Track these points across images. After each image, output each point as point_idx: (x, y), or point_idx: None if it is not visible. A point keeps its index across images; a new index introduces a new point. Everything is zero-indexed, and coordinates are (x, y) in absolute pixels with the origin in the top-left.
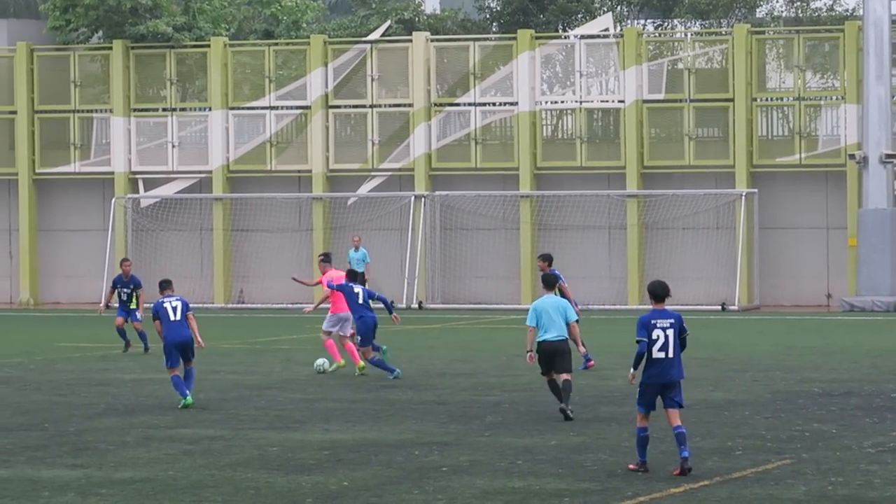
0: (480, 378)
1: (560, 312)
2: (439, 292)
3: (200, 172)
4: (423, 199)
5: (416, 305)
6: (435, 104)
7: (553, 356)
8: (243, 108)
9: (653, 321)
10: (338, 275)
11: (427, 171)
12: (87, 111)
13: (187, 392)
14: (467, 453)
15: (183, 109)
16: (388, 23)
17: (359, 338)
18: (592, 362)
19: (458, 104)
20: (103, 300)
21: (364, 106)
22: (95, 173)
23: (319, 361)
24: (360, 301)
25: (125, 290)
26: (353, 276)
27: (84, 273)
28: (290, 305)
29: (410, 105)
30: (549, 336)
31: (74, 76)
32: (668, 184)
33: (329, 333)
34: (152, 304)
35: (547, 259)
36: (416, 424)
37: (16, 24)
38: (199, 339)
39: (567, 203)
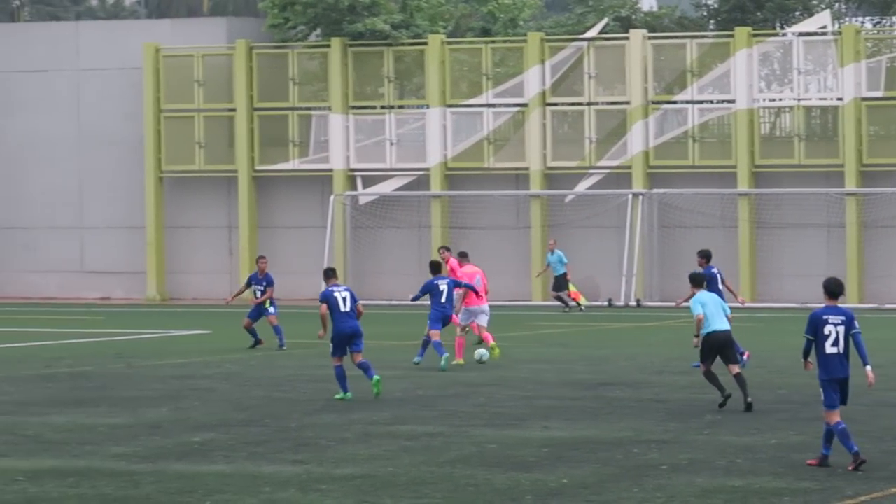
0: (698, 376)
1: (721, 306)
2: (657, 290)
3: (418, 170)
4: (640, 197)
5: (635, 303)
6: (652, 102)
7: (722, 347)
8: (461, 106)
9: (824, 317)
10: (471, 270)
11: (644, 168)
12: (306, 109)
13: (348, 388)
14: (686, 451)
15: (401, 107)
16: (605, 20)
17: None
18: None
19: (675, 102)
20: (234, 293)
21: (581, 103)
22: (314, 170)
23: (479, 352)
24: (443, 300)
25: (259, 287)
26: (437, 268)
27: (302, 270)
28: (507, 303)
29: (627, 102)
30: (717, 327)
31: (293, 74)
32: (888, 181)
33: (464, 329)
34: (321, 292)
35: (706, 256)
36: (635, 422)
37: (235, 23)
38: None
39: (785, 201)
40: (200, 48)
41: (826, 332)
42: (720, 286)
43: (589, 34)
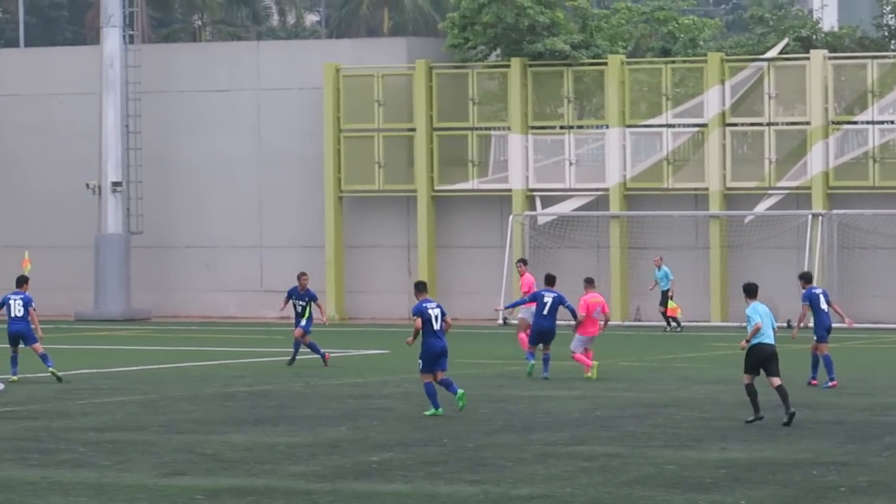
0: (878, 398)
1: (772, 318)
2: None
3: (597, 190)
4: (820, 218)
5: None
6: (833, 122)
7: (768, 360)
8: (640, 126)
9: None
10: (594, 300)
11: (824, 189)
12: (485, 129)
13: (439, 404)
14: (866, 473)
15: (580, 127)
16: (785, 40)
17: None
18: None
19: (855, 122)
20: (281, 304)
21: (761, 124)
22: (493, 190)
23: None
24: (545, 312)
25: (300, 302)
26: (551, 281)
27: (481, 289)
28: (685, 323)
29: (808, 123)
30: (766, 340)
31: (472, 94)
32: None
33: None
34: (414, 305)
35: (807, 278)
36: (814, 444)
37: (415, 43)
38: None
39: None
40: (380, 68)
41: None
42: (825, 307)
43: (769, 54)
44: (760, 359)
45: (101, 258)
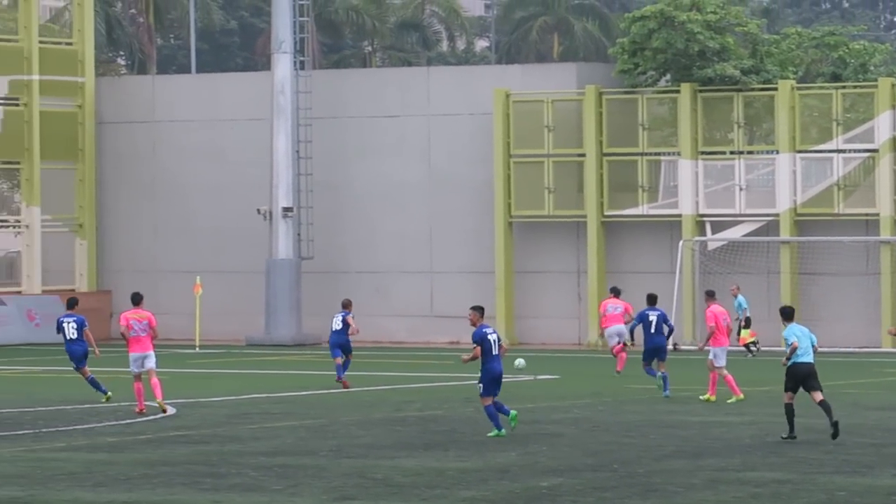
0: None
1: (809, 338)
2: None
3: (767, 215)
4: None
5: None
6: None
7: (806, 377)
8: (810, 151)
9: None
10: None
11: None
12: (655, 154)
13: (502, 425)
14: None
15: (750, 152)
16: None
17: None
18: None
19: None
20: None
21: None
22: (663, 216)
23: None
24: (653, 329)
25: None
26: (652, 300)
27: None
28: (855, 350)
29: None
30: (805, 359)
31: (642, 119)
32: None
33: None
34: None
35: None
36: None
37: (585, 68)
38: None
39: None
40: (550, 93)
41: None
42: None
43: None
44: (798, 377)
45: (271, 283)
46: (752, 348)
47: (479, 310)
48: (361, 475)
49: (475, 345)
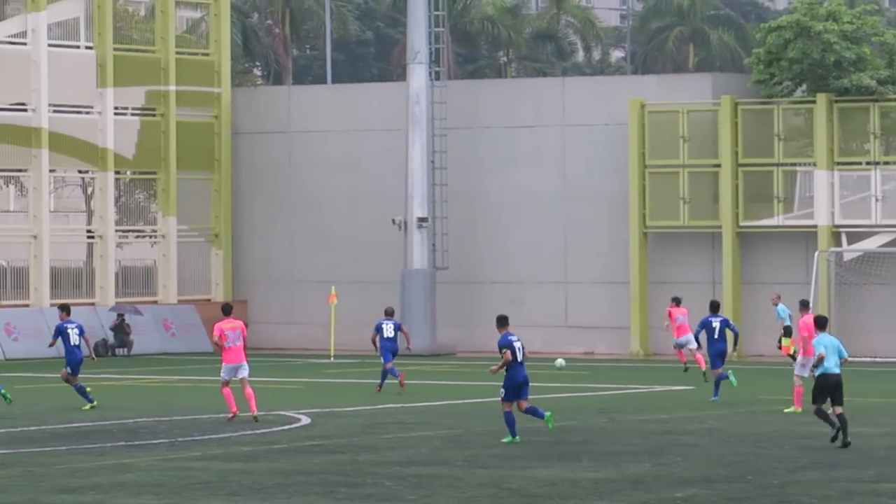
0: None
1: (837, 351)
2: None
3: None
4: None
5: None
6: None
7: (835, 389)
8: None
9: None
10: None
11: None
12: (791, 164)
13: (517, 433)
14: None
15: (886, 163)
16: None
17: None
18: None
19: None
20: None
21: None
22: (798, 226)
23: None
24: (717, 335)
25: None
26: (715, 308)
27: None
28: None
29: None
30: (831, 370)
31: (778, 129)
32: None
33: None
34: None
35: None
36: None
37: (720, 78)
38: None
39: None
40: (686, 104)
41: None
42: None
43: None
44: (827, 388)
45: (406, 293)
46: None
47: (500, 320)
48: (496, 485)
49: (504, 350)
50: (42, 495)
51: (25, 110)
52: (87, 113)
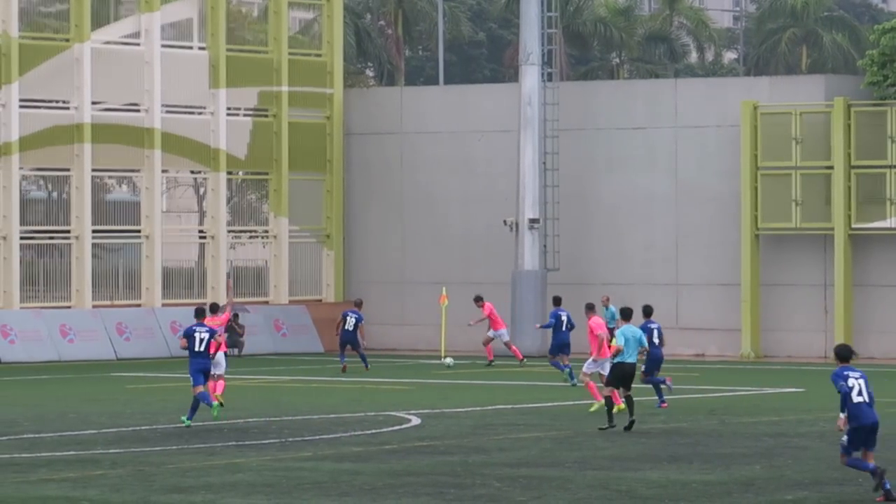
0: None
1: (638, 342)
2: None
3: None
4: None
5: None
6: None
7: (630, 377)
8: None
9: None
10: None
11: None
12: None
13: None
14: None
15: None
16: None
17: None
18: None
19: None
20: None
21: None
22: None
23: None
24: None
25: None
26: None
27: (894, 329)
28: None
29: None
30: (629, 359)
31: (891, 131)
32: None
33: None
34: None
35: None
36: None
37: (833, 80)
38: None
39: None
40: (798, 105)
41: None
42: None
43: None
44: (621, 376)
45: (518, 295)
46: None
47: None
48: (605, 487)
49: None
50: (153, 495)
51: (138, 111)
52: (200, 113)
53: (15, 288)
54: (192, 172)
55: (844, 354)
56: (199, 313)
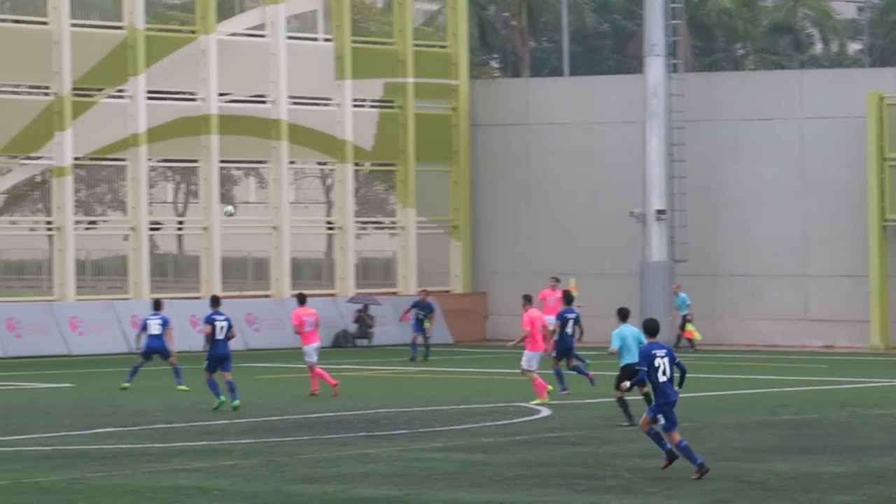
0: None
1: (637, 340)
2: None
3: None
4: None
5: None
6: None
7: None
8: None
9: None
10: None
11: None
12: None
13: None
14: None
15: None
16: None
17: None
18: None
19: None
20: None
21: None
22: None
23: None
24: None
25: (422, 312)
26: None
27: None
28: None
29: None
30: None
31: None
32: None
33: None
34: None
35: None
36: None
37: None
38: None
39: None
40: None
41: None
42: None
43: None
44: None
45: (645, 286)
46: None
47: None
48: (737, 478)
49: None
50: (285, 485)
51: (265, 102)
52: (326, 105)
53: (145, 278)
54: (319, 164)
55: (652, 329)
56: (215, 301)
